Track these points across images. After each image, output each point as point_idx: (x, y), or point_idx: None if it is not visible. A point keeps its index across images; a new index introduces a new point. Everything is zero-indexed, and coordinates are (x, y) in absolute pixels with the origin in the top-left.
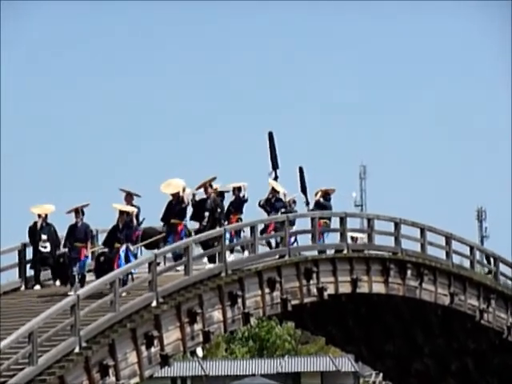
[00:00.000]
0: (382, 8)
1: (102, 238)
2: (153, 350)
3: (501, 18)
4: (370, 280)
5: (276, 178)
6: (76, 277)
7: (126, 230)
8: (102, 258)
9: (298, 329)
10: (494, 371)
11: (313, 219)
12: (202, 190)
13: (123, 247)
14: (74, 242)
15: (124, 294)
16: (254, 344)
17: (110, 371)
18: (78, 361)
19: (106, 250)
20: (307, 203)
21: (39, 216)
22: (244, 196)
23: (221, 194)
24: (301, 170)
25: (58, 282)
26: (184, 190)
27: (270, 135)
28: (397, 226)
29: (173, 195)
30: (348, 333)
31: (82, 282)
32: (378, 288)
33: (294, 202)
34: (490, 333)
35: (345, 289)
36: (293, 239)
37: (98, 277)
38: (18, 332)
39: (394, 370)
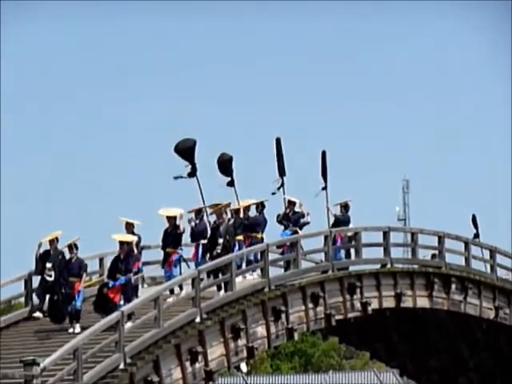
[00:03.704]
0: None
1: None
2: (197, 365)
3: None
4: (414, 294)
5: (282, 185)
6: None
7: (126, 260)
8: (105, 290)
9: (342, 344)
10: None
11: (356, 234)
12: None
13: (122, 278)
14: (68, 276)
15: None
16: (298, 359)
17: None
18: (123, 377)
19: (110, 281)
20: (324, 188)
21: (50, 243)
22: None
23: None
24: (323, 155)
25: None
26: (181, 218)
27: (278, 141)
28: (440, 239)
29: (169, 221)
30: (392, 348)
31: (77, 318)
32: (423, 302)
33: (308, 213)
34: None
35: (389, 303)
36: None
37: (96, 310)
38: (62, 348)
39: None
